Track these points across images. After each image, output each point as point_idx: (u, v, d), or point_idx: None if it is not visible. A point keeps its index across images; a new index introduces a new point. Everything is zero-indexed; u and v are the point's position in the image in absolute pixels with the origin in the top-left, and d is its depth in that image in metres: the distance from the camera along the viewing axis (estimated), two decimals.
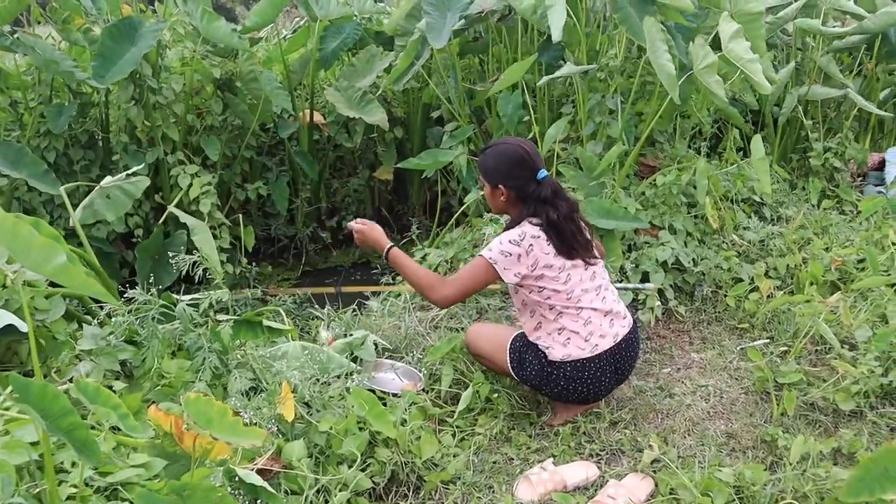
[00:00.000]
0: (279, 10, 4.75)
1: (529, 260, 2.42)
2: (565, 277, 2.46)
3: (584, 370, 2.47)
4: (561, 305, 2.47)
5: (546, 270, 2.44)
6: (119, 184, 3.46)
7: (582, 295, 2.47)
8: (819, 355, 3.00)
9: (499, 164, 2.50)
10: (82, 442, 1.50)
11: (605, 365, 2.50)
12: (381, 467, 2.22)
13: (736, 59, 3.35)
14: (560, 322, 2.48)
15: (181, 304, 2.51)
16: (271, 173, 5.10)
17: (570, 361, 2.46)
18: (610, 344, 2.49)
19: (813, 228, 3.98)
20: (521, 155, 2.48)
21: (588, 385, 2.50)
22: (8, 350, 2.44)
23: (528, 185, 2.47)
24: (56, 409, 1.48)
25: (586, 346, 2.47)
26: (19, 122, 4.30)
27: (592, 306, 2.48)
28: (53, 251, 1.51)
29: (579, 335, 2.47)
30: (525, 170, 2.47)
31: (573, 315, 2.47)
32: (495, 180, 2.52)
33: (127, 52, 3.90)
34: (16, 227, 1.48)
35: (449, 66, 4.51)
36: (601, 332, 2.49)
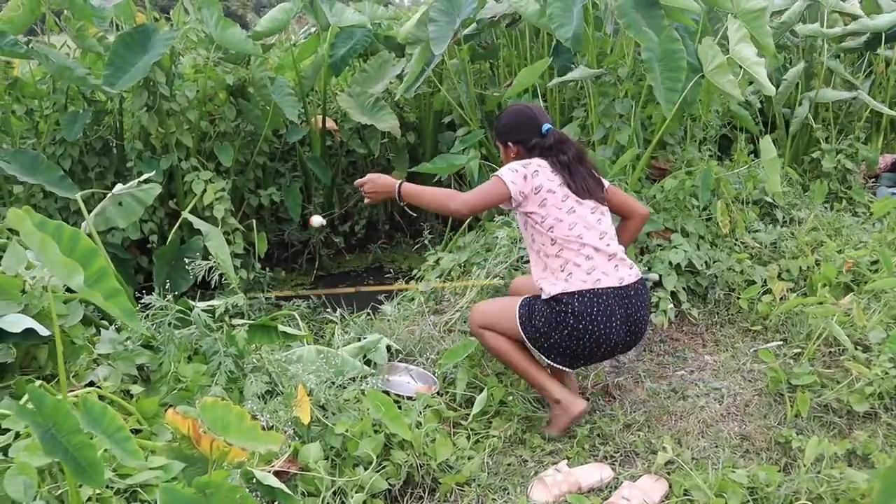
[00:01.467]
0: (291, 16, 4.78)
1: (534, 181, 2.48)
2: (568, 207, 2.49)
3: (592, 305, 2.42)
4: (562, 238, 2.46)
5: (550, 196, 2.48)
6: (131, 191, 3.49)
7: (584, 231, 2.48)
8: (833, 357, 3.00)
9: (505, 123, 2.67)
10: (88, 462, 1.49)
11: (614, 305, 2.44)
12: (397, 469, 2.24)
13: (742, 60, 3.36)
14: (562, 256, 2.47)
15: (196, 310, 2.53)
16: (284, 179, 5.13)
17: (571, 293, 2.42)
18: (614, 283, 2.46)
19: (825, 230, 3.97)
20: (524, 111, 2.63)
21: (598, 324, 2.42)
22: (27, 355, 2.47)
23: (532, 139, 2.59)
24: (68, 425, 1.49)
25: (588, 279, 2.44)
26: (35, 129, 4.35)
27: (595, 245, 2.48)
28: (75, 271, 1.53)
29: (581, 268, 2.46)
30: (529, 124, 2.60)
31: (574, 249, 2.47)
32: (503, 138, 2.67)
33: (139, 59, 3.94)
34: (43, 242, 1.51)
35: (460, 71, 4.53)
36: (604, 269, 2.47)
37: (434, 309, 3.42)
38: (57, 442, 1.48)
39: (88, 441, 1.49)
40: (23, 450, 1.74)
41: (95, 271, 1.70)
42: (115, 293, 1.73)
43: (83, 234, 1.66)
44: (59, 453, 1.47)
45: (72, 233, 1.66)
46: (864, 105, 4.78)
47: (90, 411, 1.52)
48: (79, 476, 1.49)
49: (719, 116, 4.34)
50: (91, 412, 1.52)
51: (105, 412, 1.53)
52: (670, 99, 3.33)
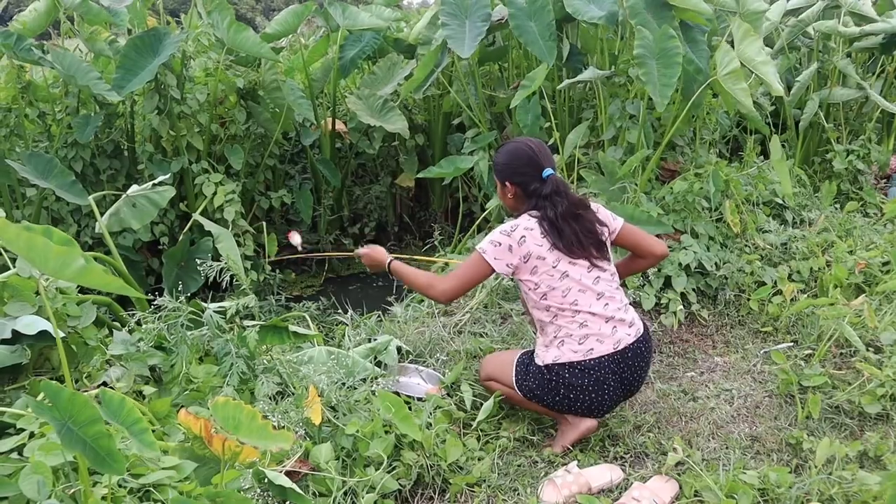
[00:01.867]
0: (301, 19, 4.81)
1: (522, 251, 2.37)
2: (561, 273, 2.37)
3: (584, 376, 2.36)
4: (556, 305, 2.38)
5: (539, 262, 2.37)
6: (145, 193, 3.52)
7: (579, 296, 2.38)
8: (844, 358, 2.99)
9: (505, 162, 2.50)
10: (107, 451, 1.51)
11: (607, 373, 2.37)
12: (408, 470, 2.24)
13: (748, 61, 3.36)
14: (556, 324, 2.40)
15: (208, 311, 2.55)
16: (294, 181, 5.16)
17: (562, 364, 2.37)
18: (608, 350, 2.37)
19: (836, 231, 3.95)
20: (526, 152, 2.46)
21: (590, 393, 2.38)
22: (40, 356, 2.49)
23: (532, 183, 2.44)
24: (84, 417, 1.50)
25: (580, 350, 2.37)
26: (47, 133, 4.39)
27: (591, 310, 2.38)
28: (70, 256, 1.54)
29: (573, 338, 2.38)
30: (529, 167, 2.44)
31: (568, 317, 2.38)
32: (503, 177, 2.52)
33: (149, 63, 3.97)
34: (30, 239, 1.51)
35: (469, 73, 4.54)
36: (598, 335, 2.37)
37: (444, 310, 3.43)
38: (74, 435, 1.49)
39: (105, 431, 1.51)
40: (37, 449, 1.76)
41: None
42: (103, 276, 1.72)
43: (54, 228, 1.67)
44: (77, 445, 1.49)
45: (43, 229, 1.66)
46: (876, 106, 4.76)
47: (109, 403, 1.54)
48: (99, 465, 1.51)
49: (729, 118, 4.33)
50: (110, 404, 1.54)
51: (123, 404, 1.56)
52: (665, 95, 3.32)
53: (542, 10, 3.79)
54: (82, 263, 1.56)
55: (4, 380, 2.30)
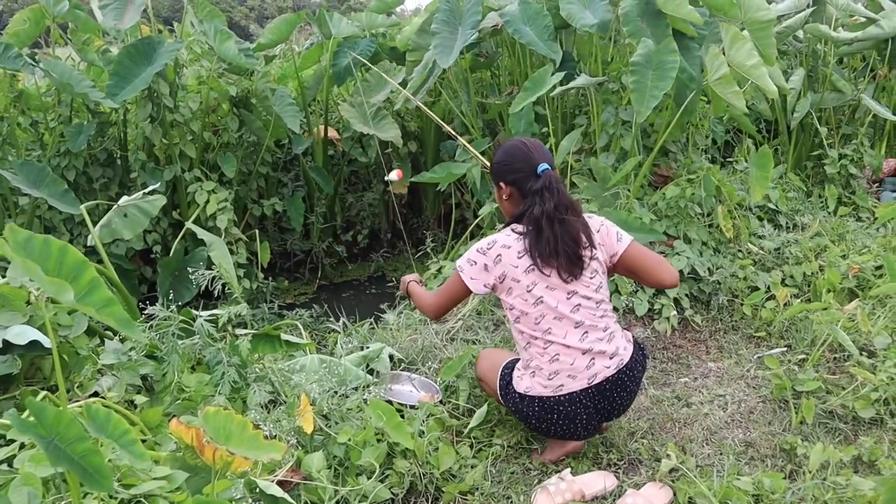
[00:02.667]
0: (293, 27, 4.82)
1: (497, 270, 2.27)
2: (535, 298, 2.24)
3: (553, 412, 2.29)
4: (529, 332, 2.28)
5: (514, 285, 2.26)
6: (136, 202, 3.51)
7: (554, 324, 2.25)
8: (837, 363, 2.99)
9: (499, 161, 2.38)
10: (95, 468, 1.49)
11: (578, 408, 2.29)
12: (400, 478, 2.24)
13: (738, 65, 3.36)
14: (529, 351, 2.31)
15: (200, 320, 2.54)
16: (286, 189, 5.15)
17: (532, 397, 2.31)
18: (581, 386, 2.26)
19: (829, 236, 3.96)
20: (520, 149, 2.33)
21: (560, 426, 2.32)
22: (31, 366, 2.48)
23: (527, 181, 2.29)
24: (71, 434, 1.49)
25: (549, 385, 2.27)
26: (40, 141, 4.38)
27: (565, 341, 2.25)
28: (62, 288, 1.54)
29: (543, 371, 2.28)
30: (523, 164, 2.30)
31: (540, 347, 2.28)
32: (498, 178, 2.39)
33: (143, 71, 3.96)
34: (26, 266, 1.51)
35: (461, 80, 4.55)
36: (570, 371, 2.26)
37: None
38: (62, 452, 1.48)
39: (93, 447, 1.50)
40: (28, 460, 1.75)
41: (87, 283, 1.67)
42: (108, 303, 1.70)
43: (71, 248, 1.64)
44: (64, 462, 1.47)
45: (60, 246, 1.64)
46: (868, 110, 4.78)
47: (95, 418, 1.53)
48: (87, 482, 1.49)
49: (722, 123, 4.35)
50: (96, 419, 1.53)
51: (110, 418, 1.55)
52: (649, 105, 3.31)
53: (536, 16, 3.81)
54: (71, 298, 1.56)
55: None
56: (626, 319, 3.36)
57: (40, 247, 1.60)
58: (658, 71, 3.34)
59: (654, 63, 3.36)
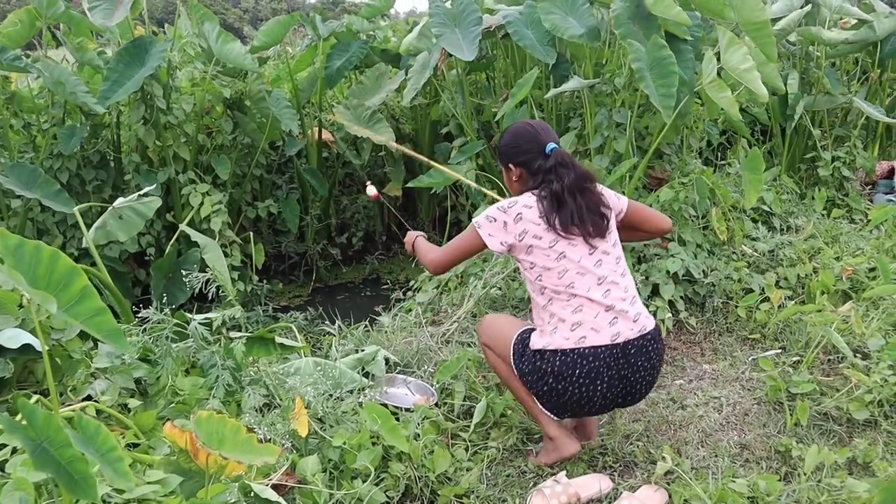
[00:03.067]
0: (287, 29, 4.81)
1: (517, 228, 2.25)
2: (558, 253, 2.24)
3: (575, 366, 2.21)
4: (551, 288, 2.25)
5: (535, 242, 2.25)
6: (131, 204, 3.50)
7: (577, 278, 2.23)
8: (832, 365, 3.00)
9: (507, 143, 2.41)
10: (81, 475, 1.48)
11: (602, 366, 2.21)
12: (395, 482, 2.23)
13: (732, 69, 3.37)
14: (549, 309, 2.27)
15: (194, 323, 2.53)
16: (281, 191, 5.15)
17: (553, 351, 2.23)
18: (604, 341, 2.21)
19: (823, 238, 3.97)
20: (527, 130, 2.37)
21: (580, 386, 2.23)
22: (24, 369, 2.46)
23: (535, 160, 2.33)
24: (59, 440, 1.48)
25: (571, 337, 2.22)
26: (32, 143, 4.36)
27: (588, 295, 2.22)
28: (47, 300, 1.52)
29: (566, 323, 2.23)
30: (531, 144, 2.34)
31: (563, 300, 2.24)
32: (506, 160, 2.41)
33: (136, 73, 3.95)
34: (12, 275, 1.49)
35: (456, 82, 4.55)
36: (594, 324, 2.22)
37: (432, 320, 3.42)
38: (49, 456, 1.47)
39: (81, 455, 1.48)
40: (20, 465, 1.74)
41: (77, 291, 1.64)
42: (98, 313, 1.66)
43: (62, 255, 1.62)
44: (51, 468, 1.46)
45: (51, 253, 1.61)
46: (861, 112, 4.79)
47: (85, 430, 1.51)
48: (72, 490, 1.48)
49: (717, 125, 4.35)
50: (85, 430, 1.51)
51: (99, 431, 1.52)
52: (668, 105, 3.32)
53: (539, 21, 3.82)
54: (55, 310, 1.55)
55: None
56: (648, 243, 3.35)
57: (31, 253, 1.58)
58: (657, 69, 3.34)
59: (650, 63, 3.36)
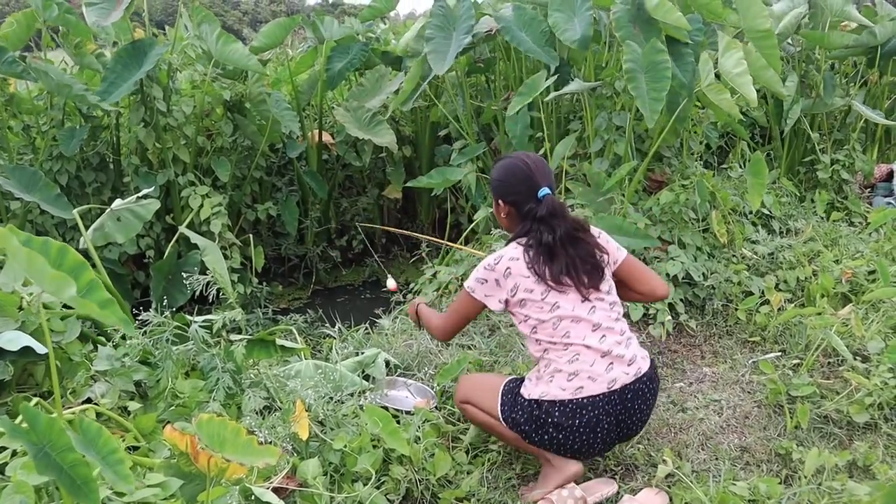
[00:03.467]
0: (287, 31, 4.81)
1: (509, 284, 2.21)
2: (551, 304, 2.19)
3: (574, 416, 2.16)
4: (547, 338, 2.21)
5: (527, 295, 2.20)
6: (129, 206, 3.49)
7: (572, 327, 2.19)
8: (832, 368, 3.00)
9: (499, 179, 2.33)
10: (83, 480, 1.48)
11: (600, 413, 2.17)
12: (396, 485, 2.23)
13: (726, 73, 3.38)
14: (547, 357, 2.22)
15: (194, 325, 2.52)
16: (281, 193, 5.14)
17: (551, 402, 2.18)
18: (601, 389, 2.17)
19: (822, 241, 3.97)
20: (521, 169, 2.27)
21: (580, 435, 2.19)
22: (24, 371, 2.46)
23: (526, 203, 2.26)
24: (61, 444, 1.48)
25: (568, 388, 2.17)
26: (32, 145, 4.36)
27: (584, 342, 2.18)
28: (65, 283, 1.53)
29: (563, 373, 2.18)
30: (523, 185, 2.26)
31: (560, 350, 2.20)
32: (496, 194, 2.35)
33: (135, 73, 3.95)
34: (30, 258, 1.50)
35: (456, 85, 4.55)
36: (591, 373, 2.17)
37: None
38: (51, 460, 1.47)
39: (83, 459, 1.48)
40: (20, 468, 1.73)
41: (85, 284, 1.69)
42: (107, 303, 1.72)
43: (70, 249, 1.64)
44: (52, 472, 1.45)
45: (59, 247, 1.64)
46: (860, 115, 4.79)
47: (86, 432, 1.51)
48: (74, 494, 1.48)
49: (717, 128, 4.36)
50: (87, 433, 1.51)
51: (100, 434, 1.52)
52: (654, 109, 3.32)
53: (532, 21, 3.82)
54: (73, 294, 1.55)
55: None
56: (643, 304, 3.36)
57: (39, 248, 1.59)
58: (651, 73, 3.34)
59: (645, 66, 3.36)
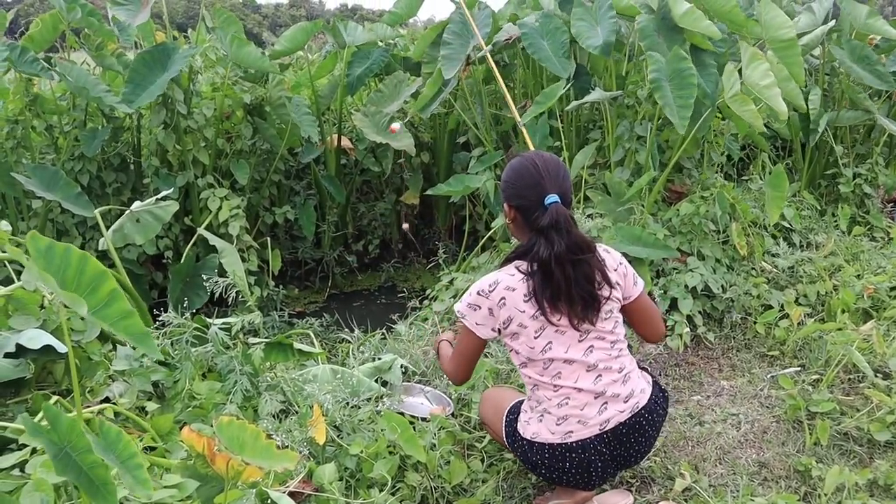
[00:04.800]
0: (309, 35, 4.83)
1: (502, 315, 2.03)
2: (544, 344, 2.04)
3: (565, 460, 2.07)
4: (536, 376, 2.07)
5: (520, 330, 2.04)
6: (149, 208, 3.51)
7: (563, 368, 2.04)
8: (852, 384, 2.96)
9: (507, 179, 2.10)
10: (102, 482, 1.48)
11: (594, 455, 2.08)
12: (412, 492, 2.22)
13: (753, 85, 3.35)
14: (536, 395, 2.10)
15: (214, 328, 2.53)
16: (299, 197, 5.15)
17: (540, 444, 2.09)
18: (592, 433, 2.06)
19: (843, 255, 3.93)
20: (530, 172, 2.03)
21: (574, 475, 2.10)
22: (43, 370, 2.47)
23: (533, 210, 2.02)
24: (81, 445, 1.48)
25: (557, 431, 2.06)
26: (54, 145, 4.39)
27: (576, 385, 2.04)
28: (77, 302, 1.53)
29: (552, 416, 2.07)
30: (531, 190, 2.02)
31: (549, 389, 2.07)
32: (504, 196, 2.12)
33: (158, 77, 3.98)
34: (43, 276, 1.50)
35: (475, 92, 4.55)
36: (581, 417, 2.05)
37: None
38: (70, 461, 1.47)
39: (102, 461, 1.48)
40: (39, 466, 1.74)
41: (106, 294, 1.64)
42: (126, 315, 1.66)
43: (92, 258, 1.63)
44: (71, 473, 1.45)
45: (80, 256, 1.61)
46: (883, 129, 4.75)
47: (106, 436, 1.51)
48: (92, 496, 1.48)
49: (737, 139, 4.33)
50: (107, 437, 1.51)
51: (120, 438, 1.52)
52: (683, 116, 3.31)
53: (555, 30, 3.81)
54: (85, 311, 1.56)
55: (7, 393, 2.29)
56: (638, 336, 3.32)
57: (61, 255, 1.59)
58: (676, 81, 3.33)
59: (669, 74, 3.35)
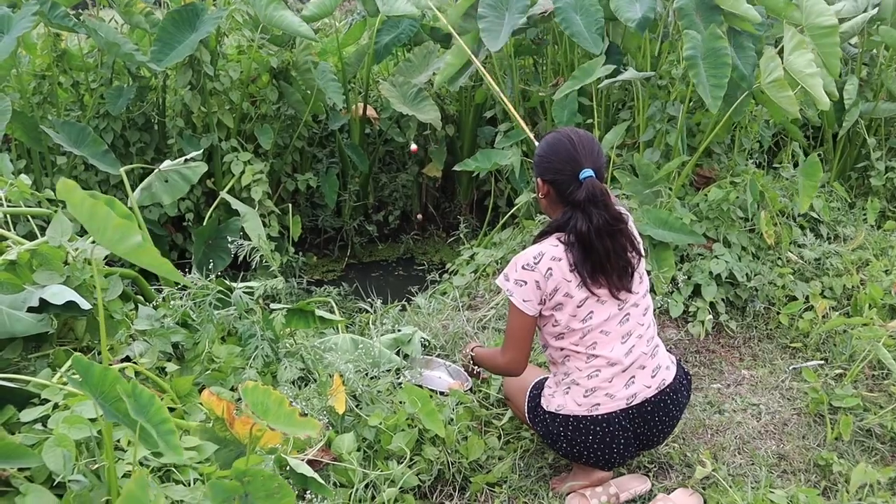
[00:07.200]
0: (338, 2, 4.76)
1: (549, 286, 2.05)
2: (585, 314, 2.08)
3: (588, 433, 2.11)
4: (571, 346, 2.11)
5: (565, 300, 2.07)
6: (177, 168, 3.50)
7: (599, 338, 2.10)
8: (876, 381, 2.93)
9: (541, 154, 2.13)
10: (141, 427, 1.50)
11: (617, 429, 2.12)
12: (429, 465, 2.21)
13: (796, 72, 3.28)
14: (567, 365, 2.14)
15: (237, 291, 2.52)
16: (321, 164, 5.12)
17: (565, 416, 2.12)
18: (619, 406, 2.11)
19: (872, 249, 3.87)
20: (565, 147, 2.07)
21: (595, 451, 2.14)
22: (65, 326, 2.47)
23: (567, 185, 2.06)
24: (115, 394, 1.49)
25: (584, 403, 2.10)
26: (80, 102, 4.38)
27: (609, 355, 2.09)
28: (129, 231, 1.53)
29: (580, 387, 2.11)
30: (564, 164, 2.06)
31: (581, 360, 2.11)
32: (537, 172, 2.15)
33: (187, 37, 3.94)
34: (94, 207, 1.50)
35: (505, 66, 4.49)
36: (608, 390, 2.10)
37: (468, 304, 3.39)
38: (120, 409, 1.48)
39: None
40: (62, 421, 1.74)
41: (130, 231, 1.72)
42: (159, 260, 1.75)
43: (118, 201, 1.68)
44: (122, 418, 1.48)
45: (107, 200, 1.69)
46: None
47: (139, 398, 1.50)
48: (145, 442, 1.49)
49: (769, 127, 4.25)
50: (139, 399, 1.50)
51: (153, 402, 1.52)
52: (716, 95, 3.24)
53: (590, 6, 3.73)
54: (139, 241, 1.56)
55: (29, 347, 2.29)
56: (660, 320, 3.30)
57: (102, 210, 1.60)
58: (710, 59, 3.26)
59: (704, 53, 3.28)
